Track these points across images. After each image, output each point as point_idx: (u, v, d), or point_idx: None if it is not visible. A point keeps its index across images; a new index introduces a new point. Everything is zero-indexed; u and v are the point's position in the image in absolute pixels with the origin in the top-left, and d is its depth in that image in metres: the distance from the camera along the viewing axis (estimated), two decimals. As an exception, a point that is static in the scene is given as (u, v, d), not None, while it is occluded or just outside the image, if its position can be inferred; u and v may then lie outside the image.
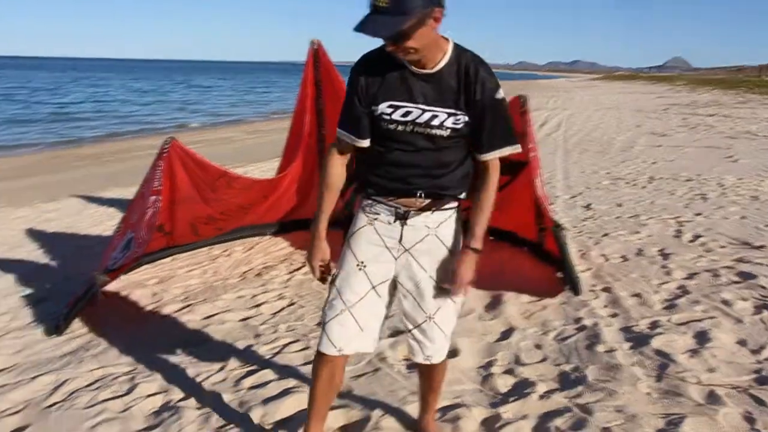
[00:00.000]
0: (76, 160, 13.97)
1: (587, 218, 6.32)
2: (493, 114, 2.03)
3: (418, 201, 2.10)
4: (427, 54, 1.95)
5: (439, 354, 2.27)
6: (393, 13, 1.78)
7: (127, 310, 4.16)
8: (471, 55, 2.03)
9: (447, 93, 2.00)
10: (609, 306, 3.96)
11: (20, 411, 2.93)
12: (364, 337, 2.20)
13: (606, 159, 10.50)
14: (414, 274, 2.18)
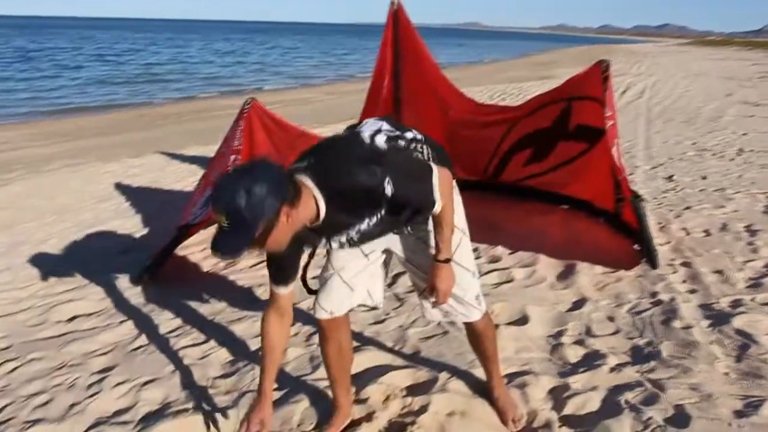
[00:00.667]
0: (160, 119, 14.50)
1: (668, 190, 6.08)
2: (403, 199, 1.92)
3: None
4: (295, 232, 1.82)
5: (462, 316, 2.33)
6: (236, 231, 1.66)
7: (205, 262, 4.34)
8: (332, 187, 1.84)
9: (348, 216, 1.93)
10: (688, 281, 3.83)
11: (108, 352, 3.13)
12: (356, 294, 2.28)
13: (692, 129, 10.01)
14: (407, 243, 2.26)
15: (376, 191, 1.85)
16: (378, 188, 1.84)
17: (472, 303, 2.30)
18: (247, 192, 1.63)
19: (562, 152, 4.95)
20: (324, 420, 2.49)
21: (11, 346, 3.21)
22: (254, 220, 1.65)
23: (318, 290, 2.31)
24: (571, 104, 4.71)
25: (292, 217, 1.74)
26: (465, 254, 2.27)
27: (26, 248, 4.83)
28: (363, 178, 1.85)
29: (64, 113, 15.79)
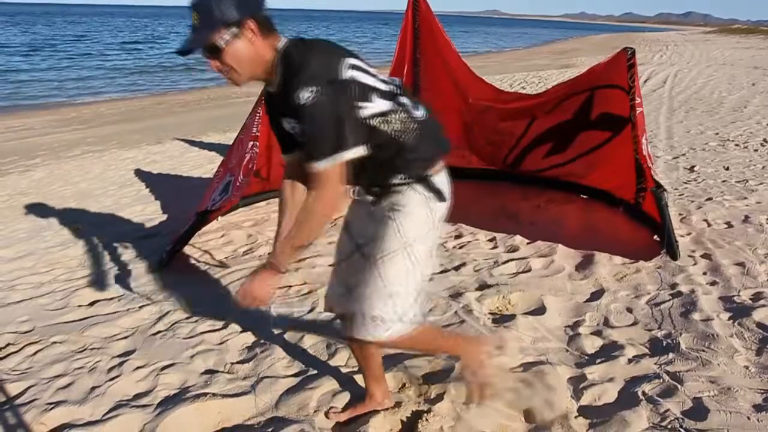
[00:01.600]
0: (179, 106, 14.59)
1: (690, 181, 6.01)
2: (301, 122, 1.82)
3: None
4: (256, 71, 1.87)
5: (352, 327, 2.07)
6: (201, 29, 1.77)
7: (224, 249, 4.37)
8: (295, 53, 1.84)
9: (287, 103, 1.84)
10: (708, 273, 3.78)
11: (128, 336, 3.17)
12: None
13: (715, 118, 9.86)
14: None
15: (296, 83, 1.77)
16: (301, 85, 1.76)
17: (365, 320, 2.01)
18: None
19: (583, 142, 4.91)
20: (340, 408, 2.51)
21: (34, 330, 3.27)
22: (218, 22, 1.75)
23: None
24: (594, 93, 4.67)
25: (255, 44, 1.82)
26: (393, 269, 2.00)
27: (48, 233, 4.90)
28: (307, 65, 1.80)
29: (85, 100, 15.94)
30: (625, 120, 4.31)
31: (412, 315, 2.04)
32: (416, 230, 2.01)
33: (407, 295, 2.02)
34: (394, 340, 2.04)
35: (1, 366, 2.90)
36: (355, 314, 2.05)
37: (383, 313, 1.99)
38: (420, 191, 2.01)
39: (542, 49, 41.58)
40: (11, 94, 16.55)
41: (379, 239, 2.02)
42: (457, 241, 4.45)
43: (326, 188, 1.82)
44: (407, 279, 2.01)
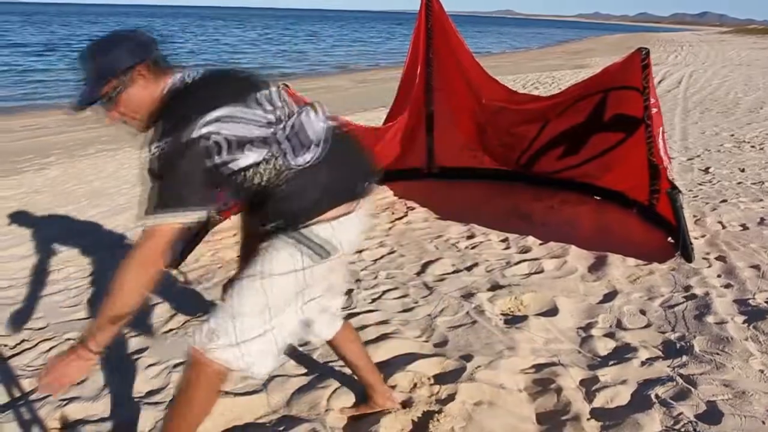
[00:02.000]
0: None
1: (704, 182, 5.96)
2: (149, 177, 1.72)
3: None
4: (145, 117, 1.82)
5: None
6: (93, 81, 1.75)
7: (235, 248, 4.37)
8: (169, 98, 1.77)
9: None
10: (723, 276, 3.75)
11: (141, 334, 3.19)
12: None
13: (730, 120, 9.77)
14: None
15: (155, 135, 1.70)
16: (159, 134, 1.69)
17: (204, 330, 1.83)
18: (105, 48, 1.74)
19: (596, 144, 4.89)
20: (351, 407, 2.51)
21: (47, 326, 3.30)
22: (107, 74, 1.72)
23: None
24: (607, 95, 4.64)
25: (148, 88, 1.78)
26: (243, 293, 1.84)
27: (62, 231, 4.94)
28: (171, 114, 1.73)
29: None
30: (638, 121, 4.28)
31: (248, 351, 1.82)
32: (276, 267, 1.83)
33: (248, 329, 1.81)
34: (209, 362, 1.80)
35: (16, 362, 2.93)
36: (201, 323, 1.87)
37: (221, 330, 1.80)
38: (291, 242, 1.83)
39: (556, 49, 41.40)
40: (27, 93, 16.71)
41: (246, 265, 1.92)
42: (470, 242, 4.44)
43: (143, 249, 1.71)
44: (250, 309, 1.82)
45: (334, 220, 1.84)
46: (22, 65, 22.80)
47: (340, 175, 1.88)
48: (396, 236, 4.60)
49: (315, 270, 1.87)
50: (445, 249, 4.31)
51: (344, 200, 1.87)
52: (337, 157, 1.86)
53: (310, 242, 1.82)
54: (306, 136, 1.83)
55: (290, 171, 1.78)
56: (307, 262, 1.84)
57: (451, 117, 5.56)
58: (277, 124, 1.82)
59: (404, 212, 5.14)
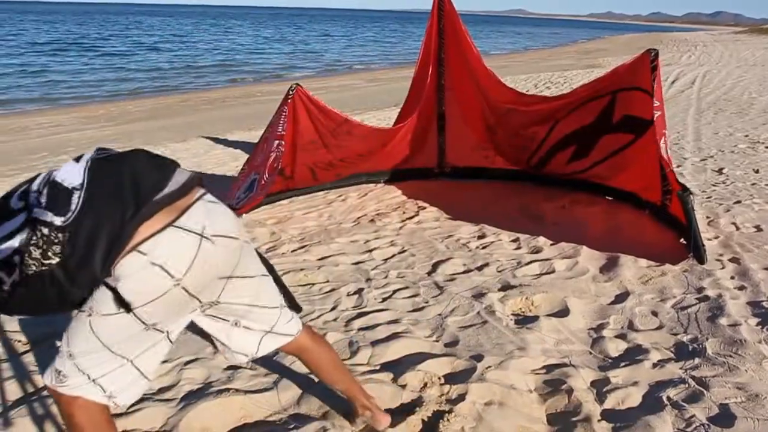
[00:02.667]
0: (204, 104, 14.72)
1: (718, 183, 5.91)
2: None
3: None
4: None
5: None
6: None
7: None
8: None
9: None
10: (736, 278, 3.72)
11: (153, 331, 3.21)
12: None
13: (744, 120, 9.69)
14: None
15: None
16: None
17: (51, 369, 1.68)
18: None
19: (605, 146, 4.88)
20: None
21: (57, 323, 3.32)
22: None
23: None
24: (616, 96, 4.63)
25: None
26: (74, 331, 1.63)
27: (76, 228, 4.98)
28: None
29: (112, 98, 16.18)
30: (648, 122, 4.26)
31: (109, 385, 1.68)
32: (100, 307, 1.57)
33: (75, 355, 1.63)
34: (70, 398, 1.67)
35: (29, 358, 2.95)
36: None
37: (67, 372, 1.64)
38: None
39: (567, 48, 41.21)
40: (43, 91, 16.86)
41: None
42: (480, 242, 4.43)
43: None
44: (85, 347, 1.62)
45: (135, 251, 1.50)
46: (37, 64, 22.99)
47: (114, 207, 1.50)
48: (407, 236, 4.60)
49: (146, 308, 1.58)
50: (455, 249, 4.30)
51: (146, 216, 1.52)
52: (100, 197, 1.51)
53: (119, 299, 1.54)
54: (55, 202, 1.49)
55: (56, 243, 1.45)
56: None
57: (462, 117, 5.56)
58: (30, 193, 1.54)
59: (415, 212, 5.14)
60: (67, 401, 1.68)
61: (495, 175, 5.71)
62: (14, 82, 18.11)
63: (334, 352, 2.28)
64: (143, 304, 1.55)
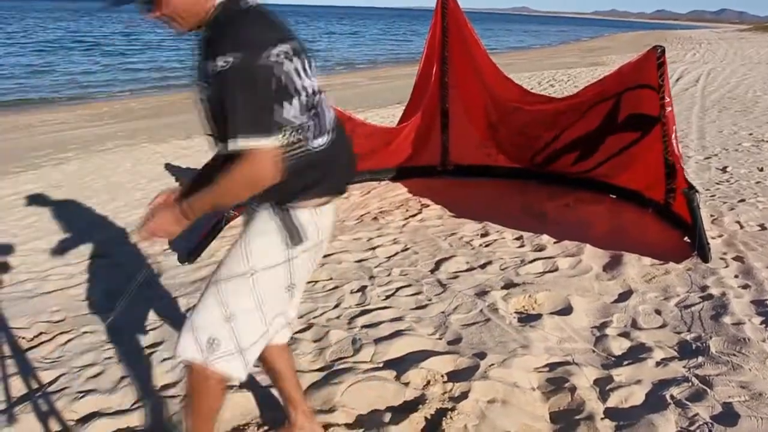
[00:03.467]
0: (208, 101, 14.72)
1: (722, 181, 5.89)
2: (216, 91, 1.63)
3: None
4: (190, 21, 1.71)
5: (177, 343, 1.84)
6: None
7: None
8: (230, 10, 1.68)
9: (201, 61, 1.70)
10: (740, 276, 3.71)
11: (157, 328, 3.22)
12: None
13: (749, 118, 9.65)
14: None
15: (218, 46, 1.59)
16: (222, 49, 1.58)
17: (199, 339, 1.80)
18: None
19: (610, 146, 4.88)
20: (364, 403, 2.51)
21: (65, 320, 3.34)
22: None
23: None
24: (621, 97, 4.63)
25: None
26: (235, 293, 1.80)
27: (80, 225, 4.99)
28: (235, 30, 1.63)
29: (116, 96, 16.20)
30: (655, 119, 4.25)
31: (249, 355, 1.83)
32: (264, 260, 1.81)
33: (246, 328, 1.81)
34: (210, 374, 1.81)
35: (34, 354, 2.96)
36: (183, 332, 1.83)
37: (222, 339, 1.79)
38: (277, 218, 1.79)
39: (572, 46, 41.12)
40: (48, 89, 16.89)
41: (227, 259, 1.85)
42: (484, 240, 4.43)
43: (247, 166, 1.62)
44: (247, 307, 1.80)
45: (316, 207, 1.83)
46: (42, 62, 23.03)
47: (335, 169, 1.86)
48: (410, 233, 4.60)
49: (296, 262, 1.84)
50: (459, 247, 4.30)
51: (331, 193, 1.87)
52: (336, 149, 1.85)
53: (291, 225, 1.79)
54: (324, 121, 1.83)
55: (302, 150, 1.76)
56: (290, 253, 1.81)
57: (466, 114, 5.55)
58: (314, 96, 1.80)
59: (418, 209, 5.14)
60: (204, 373, 1.81)
61: (499, 173, 5.70)
62: (19, 80, 18.15)
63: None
64: (302, 252, 1.83)
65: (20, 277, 3.94)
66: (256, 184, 1.66)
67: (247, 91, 1.59)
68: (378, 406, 2.51)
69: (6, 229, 5.02)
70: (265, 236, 1.81)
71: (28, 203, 5.81)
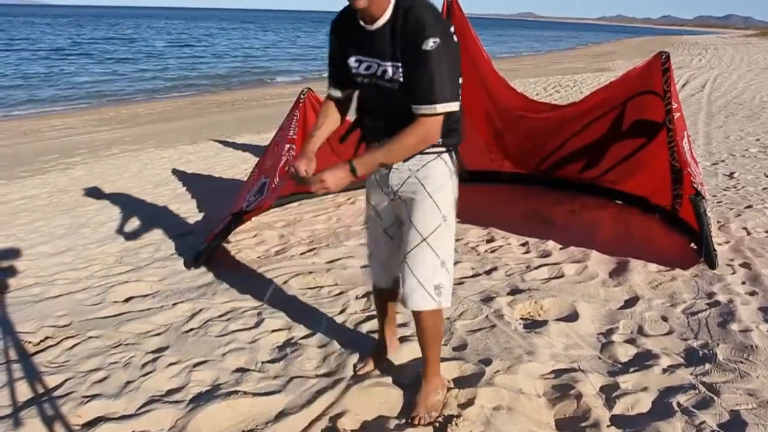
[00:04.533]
0: (214, 106, 14.79)
1: (729, 188, 5.87)
2: (419, 66, 2.00)
3: None
4: (376, 5, 2.02)
5: (411, 299, 2.26)
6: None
7: (257, 249, 4.41)
8: (412, 1, 2.03)
9: (389, 45, 2.06)
10: (747, 283, 3.69)
11: (161, 333, 3.22)
12: (388, 273, 2.52)
13: (756, 124, 9.62)
14: (403, 216, 2.33)
15: (418, 30, 1.97)
16: (423, 34, 1.96)
17: (430, 291, 2.25)
18: None
19: (616, 153, 4.87)
20: (370, 410, 2.51)
21: (71, 324, 3.34)
22: None
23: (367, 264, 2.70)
24: (626, 105, 4.62)
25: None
26: (441, 241, 2.26)
27: (87, 230, 5.01)
28: (426, 17, 1.99)
29: (123, 101, 16.28)
30: (659, 125, 4.24)
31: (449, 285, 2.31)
32: (449, 203, 2.28)
33: (451, 261, 2.30)
34: (440, 310, 2.31)
35: (40, 358, 2.97)
36: (415, 288, 2.24)
37: (442, 281, 2.26)
38: (447, 163, 2.26)
39: (577, 52, 41.12)
40: (55, 94, 17.00)
41: (421, 218, 2.23)
42: (489, 245, 4.42)
43: (427, 127, 2.05)
44: (450, 247, 2.30)
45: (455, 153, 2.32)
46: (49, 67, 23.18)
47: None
48: (415, 239, 4.58)
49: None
50: (464, 252, 4.29)
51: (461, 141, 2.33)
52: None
53: (455, 165, 2.30)
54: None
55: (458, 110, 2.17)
56: (455, 190, 2.32)
57: (470, 120, 5.53)
58: None
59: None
60: (438, 313, 2.34)
61: (505, 178, 5.69)
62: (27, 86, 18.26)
63: None
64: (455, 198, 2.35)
65: (27, 282, 3.95)
66: (428, 141, 2.10)
67: (451, 66, 2.02)
68: (384, 412, 2.51)
69: (13, 233, 5.04)
70: (445, 184, 2.26)
71: (34, 208, 5.85)
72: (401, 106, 2.08)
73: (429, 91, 2.00)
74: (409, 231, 2.26)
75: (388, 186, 2.32)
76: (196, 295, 3.67)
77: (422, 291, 2.24)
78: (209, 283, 3.84)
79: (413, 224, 2.24)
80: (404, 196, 2.29)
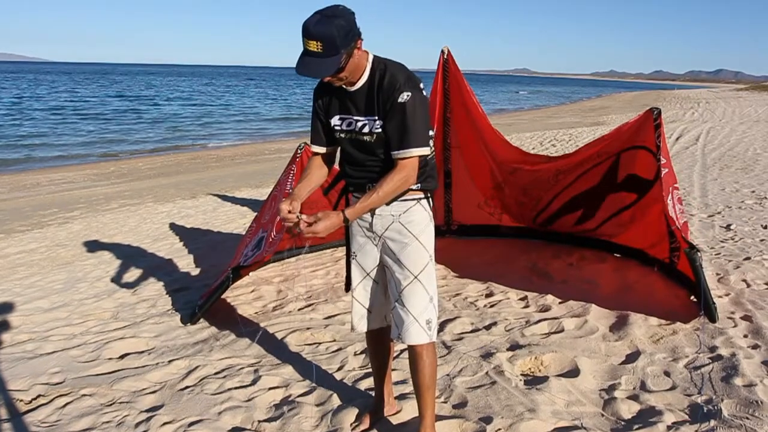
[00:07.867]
0: (213, 161, 14.93)
1: (726, 239, 5.88)
2: (397, 117, 2.22)
3: None
4: (354, 74, 2.25)
5: (408, 334, 2.38)
6: (325, 56, 2.09)
7: (254, 304, 4.38)
8: (385, 64, 2.27)
9: (367, 103, 2.28)
10: (750, 336, 3.66)
11: (156, 391, 3.17)
12: (372, 317, 2.60)
13: (750, 176, 9.72)
14: (388, 259, 2.44)
15: (394, 87, 2.20)
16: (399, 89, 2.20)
17: (422, 326, 2.38)
18: (339, 26, 2.07)
19: (611, 204, 4.90)
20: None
21: (64, 381, 3.29)
22: (341, 48, 2.09)
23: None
24: (620, 156, 4.68)
25: (359, 57, 2.21)
26: (429, 278, 2.42)
27: (83, 285, 4.98)
28: (400, 74, 2.23)
29: (122, 156, 16.45)
30: (650, 182, 4.29)
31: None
32: (432, 244, 2.45)
33: (436, 298, 2.47)
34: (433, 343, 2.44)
35: (31, 417, 2.91)
36: (411, 324, 2.37)
37: (432, 316, 2.41)
38: (426, 208, 2.43)
39: (572, 106, 41.83)
40: (55, 150, 17.18)
41: (411, 257, 2.38)
42: (488, 300, 4.40)
43: (407, 170, 2.25)
44: (435, 285, 2.46)
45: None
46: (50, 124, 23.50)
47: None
48: (414, 293, 4.56)
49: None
50: (463, 307, 4.26)
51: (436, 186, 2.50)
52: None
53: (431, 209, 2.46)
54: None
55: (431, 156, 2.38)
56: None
57: (468, 175, 5.59)
58: None
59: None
60: (431, 347, 2.44)
61: (503, 233, 5.71)
62: (30, 144, 18.47)
63: None
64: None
65: (21, 337, 3.90)
66: (409, 182, 2.27)
67: (423, 115, 2.25)
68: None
69: (9, 287, 5.01)
70: (428, 226, 2.42)
71: (32, 262, 5.83)
72: (379, 155, 2.32)
73: (405, 138, 2.22)
74: (400, 271, 2.40)
75: (371, 230, 2.44)
76: (192, 352, 3.62)
77: (417, 326, 2.38)
78: (206, 340, 3.80)
79: (404, 264, 2.39)
80: (389, 240, 2.41)
